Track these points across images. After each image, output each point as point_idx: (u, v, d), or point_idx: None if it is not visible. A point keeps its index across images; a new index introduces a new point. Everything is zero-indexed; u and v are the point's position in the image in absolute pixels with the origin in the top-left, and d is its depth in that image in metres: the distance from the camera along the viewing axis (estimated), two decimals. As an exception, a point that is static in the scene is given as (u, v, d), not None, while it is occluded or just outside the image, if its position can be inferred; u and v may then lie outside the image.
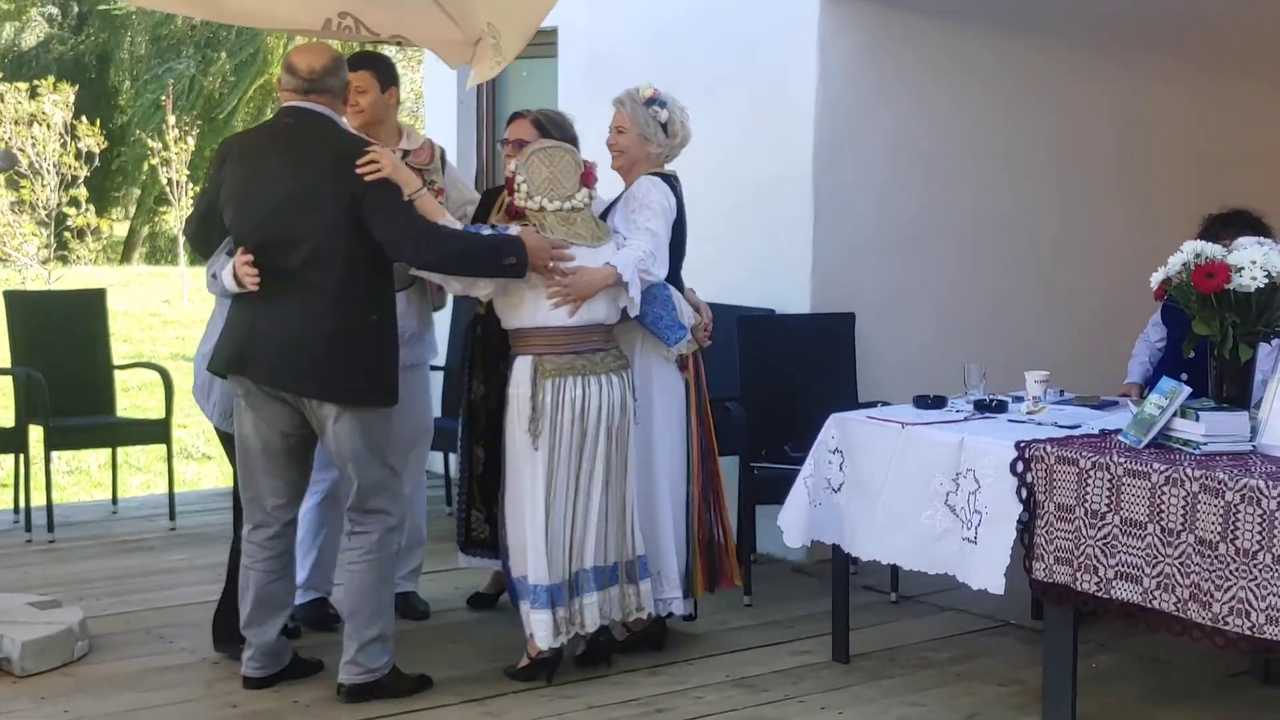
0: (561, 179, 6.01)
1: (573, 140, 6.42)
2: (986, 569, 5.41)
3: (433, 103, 10.33)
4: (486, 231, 5.89)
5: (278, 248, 5.53)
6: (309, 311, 5.53)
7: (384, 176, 5.56)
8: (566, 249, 5.90)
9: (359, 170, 5.51)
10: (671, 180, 6.31)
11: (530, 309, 5.90)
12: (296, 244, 5.52)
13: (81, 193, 21.85)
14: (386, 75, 6.49)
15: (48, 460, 8.37)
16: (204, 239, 5.90)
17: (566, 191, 6.01)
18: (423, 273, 5.94)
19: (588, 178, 6.09)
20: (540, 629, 5.89)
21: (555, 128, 6.45)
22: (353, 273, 5.57)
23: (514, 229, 5.87)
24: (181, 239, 24.17)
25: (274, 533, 5.80)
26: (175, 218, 23.81)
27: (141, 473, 11.38)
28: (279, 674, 5.92)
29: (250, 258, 5.52)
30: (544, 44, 8.96)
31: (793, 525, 6.21)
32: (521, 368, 5.91)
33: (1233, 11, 8.79)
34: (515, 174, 6.02)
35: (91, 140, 21.60)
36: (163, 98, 25.92)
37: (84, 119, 21.77)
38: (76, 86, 22.77)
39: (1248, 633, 4.60)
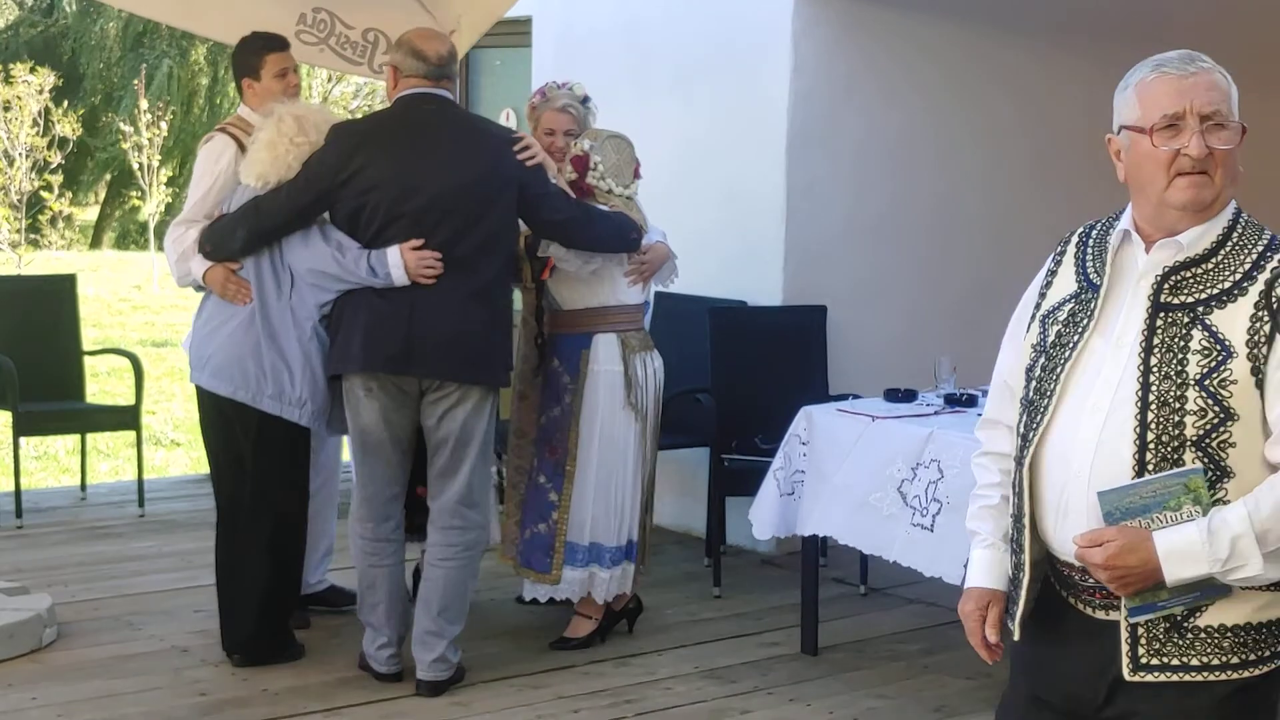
0: (624, 168, 6.20)
1: None
2: (945, 558, 5.44)
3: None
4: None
5: (452, 235, 5.48)
6: (477, 298, 5.53)
7: (539, 162, 5.69)
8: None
9: (519, 156, 5.62)
10: None
11: (616, 286, 6.11)
12: (473, 230, 5.51)
13: (56, 178, 21.76)
14: None
15: (16, 446, 8.33)
16: (279, 235, 5.65)
17: (627, 180, 6.20)
18: (563, 251, 5.93)
19: (638, 171, 6.30)
20: (625, 581, 6.23)
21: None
22: (510, 258, 5.73)
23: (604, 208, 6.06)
24: (161, 226, 24.08)
25: (398, 522, 5.78)
26: (155, 203, 23.62)
27: (110, 459, 11.35)
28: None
29: (419, 244, 5.44)
30: (517, 33, 8.96)
31: (763, 519, 6.22)
32: (607, 345, 6.09)
33: (1203, 7, 8.82)
34: (590, 153, 6.11)
35: (66, 126, 21.51)
36: (135, 82, 25.80)
37: (64, 104, 21.69)
38: (56, 73, 22.67)
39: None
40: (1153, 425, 2.90)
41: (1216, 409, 2.88)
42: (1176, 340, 2.92)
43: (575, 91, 6.40)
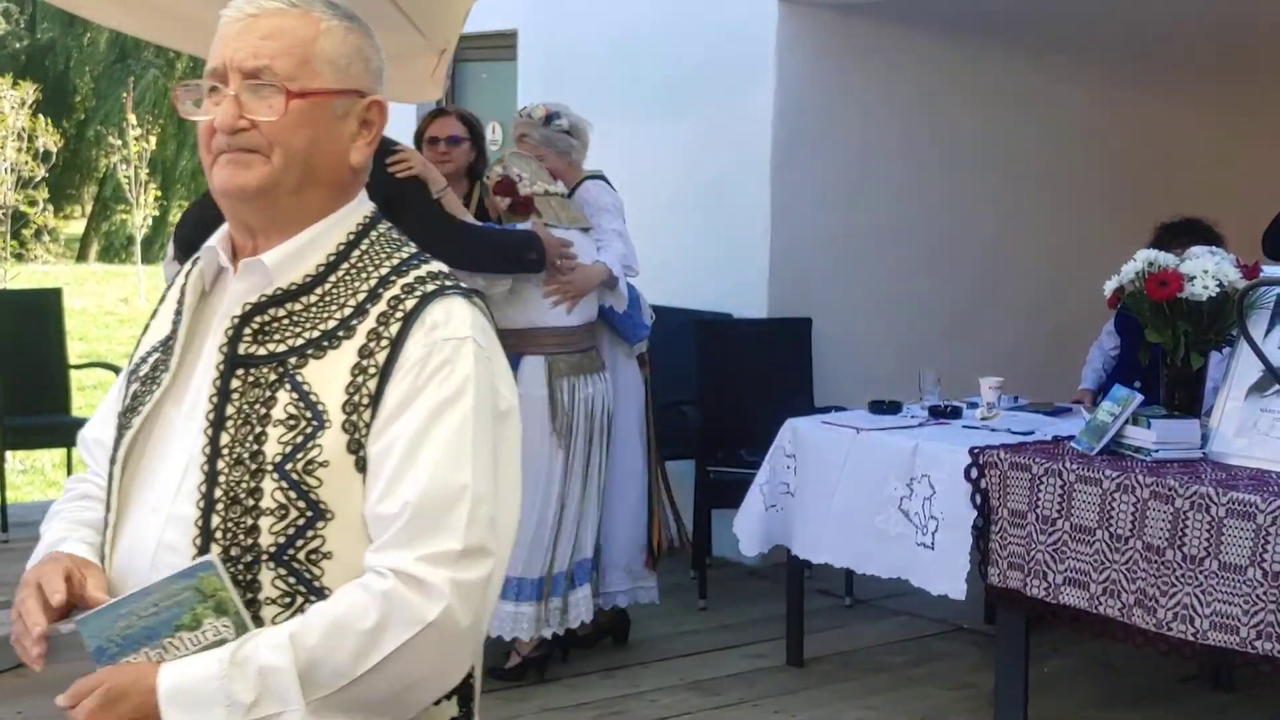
0: (540, 172, 6.11)
1: (482, 138, 6.53)
2: (947, 574, 5.44)
3: (392, 107, 10.31)
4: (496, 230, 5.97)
5: None
6: None
7: (415, 174, 5.57)
8: (569, 247, 5.97)
9: (389, 168, 5.48)
10: (605, 179, 6.44)
11: (536, 307, 5.95)
12: None
13: (40, 193, 21.72)
14: None
15: (1, 460, 8.32)
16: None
17: (547, 180, 6.11)
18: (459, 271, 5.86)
19: (553, 173, 6.21)
20: (524, 622, 5.90)
21: (479, 125, 6.61)
22: None
23: (524, 226, 5.94)
24: (154, 240, 24.06)
25: None
26: (142, 216, 23.61)
27: (97, 472, 11.31)
28: None
29: None
30: (504, 47, 8.98)
31: (748, 533, 6.22)
32: (533, 367, 5.93)
33: (1192, 21, 8.85)
34: (509, 172, 6.03)
35: (49, 139, 21.48)
36: (123, 94, 25.78)
37: (41, 117, 21.65)
38: (39, 85, 22.63)
39: (1191, 638, 4.64)
40: (219, 534, 2.09)
41: (301, 504, 2.07)
42: (257, 408, 2.11)
43: (535, 116, 6.33)
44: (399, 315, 2.13)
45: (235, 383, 2.12)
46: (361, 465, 2.07)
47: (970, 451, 5.35)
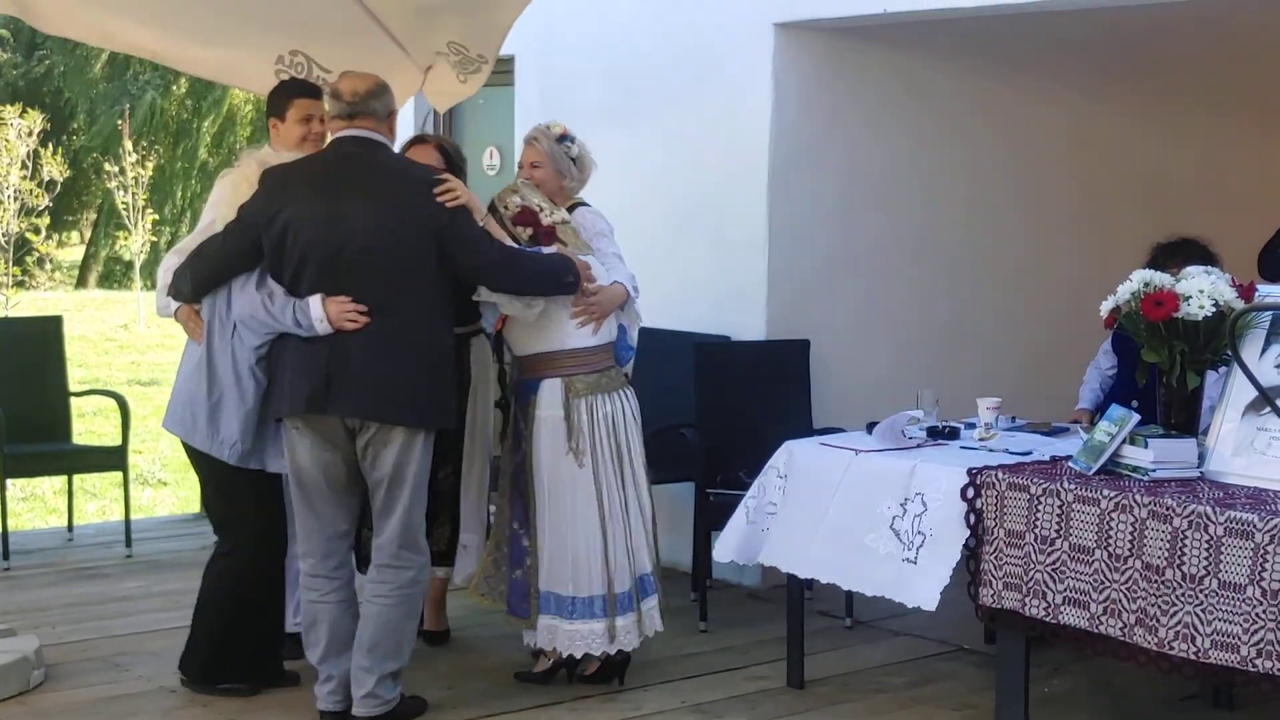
0: (548, 201, 6.20)
1: (460, 168, 6.59)
2: (923, 587, 5.45)
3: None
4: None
5: (367, 277, 5.50)
6: (398, 339, 5.52)
7: (463, 204, 5.65)
8: (589, 269, 6.08)
9: (439, 198, 5.58)
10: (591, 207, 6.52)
11: (563, 330, 6.04)
12: (389, 272, 5.51)
13: (44, 220, 21.76)
14: None
15: (2, 487, 8.31)
16: (219, 279, 5.72)
17: (558, 209, 6.21)
18: (496, 296, 5.92)
19: (545, 192, 6.28)
20: (594, 639, 6.05)
21: (457, 154, 6.71)
22: (434, 299, 5.63)
23: (549, 250, 6.03)
24: (154, 266, 24.07)
25: (341, 560, 5.78)
26: (141, 241, 23.64)
27: (97, 499, 11.35)
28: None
29: (347, 300, 5.46)
30: (500, 72, 9.00)
31: (726, 544, 6.27)
32: (551, 390, 6.03)
33: (1184, 44, 8.88)
34: (528, 203, 6.10)
35: (54, 169, 21.52)
36: (119, 121, 25.83)
37: (49, 146, 21.70)
38: (46, 115, 22.68)
39: (1193, 657, 4.65)
40: None
41: None
42: None
43: (552, 130, 6.41)
44: None
45: None
46: None
47: (968, 471, 5.37)
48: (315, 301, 5.48)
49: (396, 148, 6.05)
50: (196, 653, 6.08)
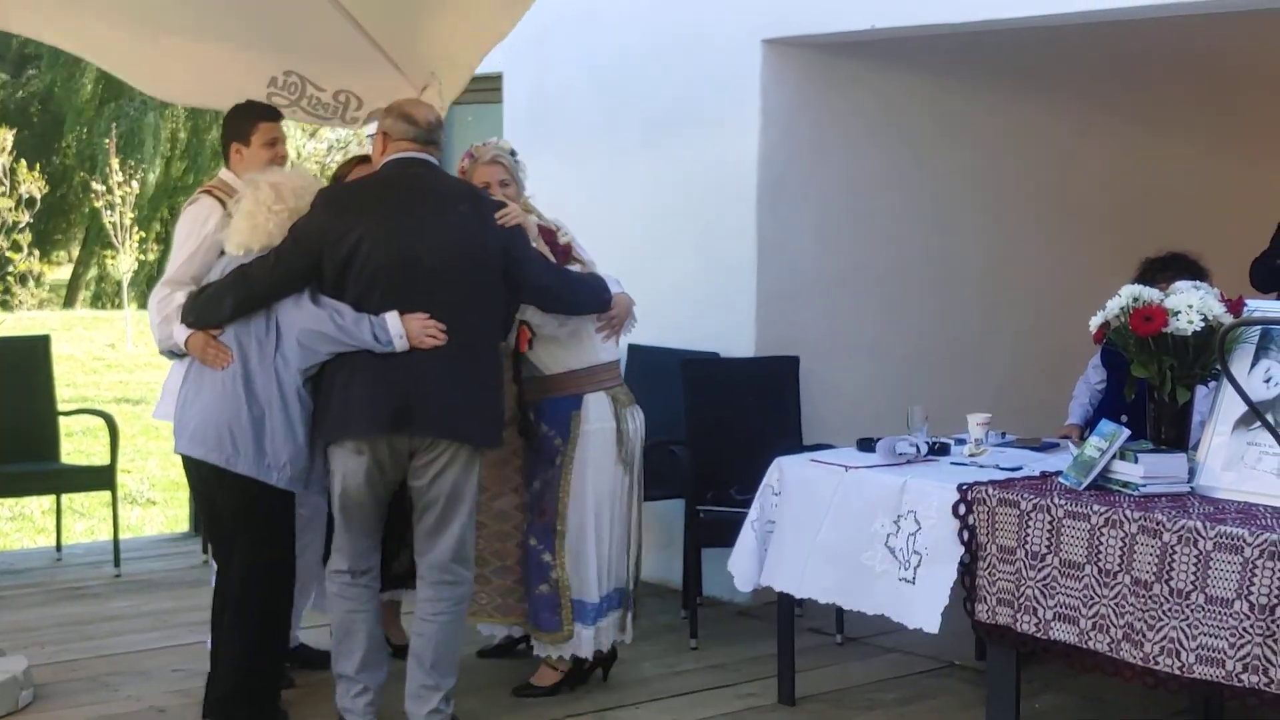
0: (552, 219, 6.35)
1: None
2: (924, 609, 5.44)
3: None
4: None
5: (444, 297, 5.53)
6: (469, 359, 5.57)
7: (518, 222, 5.79)
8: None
9: (499, 220, 5.72)
10: None
11: (593, 345, 6.21)
12: (465, 292, 5.57)
13: (24, 238, 21.72)
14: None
15: (-10, 507, 8.33)
16: (270, 299, 5.62)
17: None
18: (542, 316, 6.01)
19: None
20: (585, 642, 6.24)
21: None
22: (496, 318, 5.77)
23: (575, 269, 6.19)
24: (143, 284, 24.04)
25: (375, 571, 5.82)
26: (129, 261, 23.62)
27: (85, 518, 11.32)
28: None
29: (425, 317, 5.47)
30: (488, 89, 9.01)
31: (743, 570, 6.20)
32: (598, 403, 6.19)
33: (1172, 61, 8.91)
34: (544, 222, 6.25)
35: (32, 185, 21.48)
36: (106, 140, 25.80)
37: (23, 162, 21.65)
38: (15, 130, 22.64)
39: (1177, 672, 4.65)
40: None
41: None
42: None
43: (502, 145, 6.44)
44: None
45: None
46: None
47: (958, 488, 5.37)
48: (393, 318, 5.46)
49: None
50: (223, 685, 5.79)
